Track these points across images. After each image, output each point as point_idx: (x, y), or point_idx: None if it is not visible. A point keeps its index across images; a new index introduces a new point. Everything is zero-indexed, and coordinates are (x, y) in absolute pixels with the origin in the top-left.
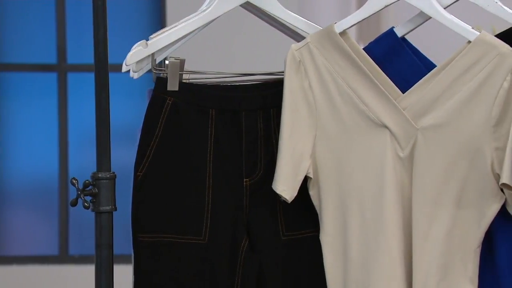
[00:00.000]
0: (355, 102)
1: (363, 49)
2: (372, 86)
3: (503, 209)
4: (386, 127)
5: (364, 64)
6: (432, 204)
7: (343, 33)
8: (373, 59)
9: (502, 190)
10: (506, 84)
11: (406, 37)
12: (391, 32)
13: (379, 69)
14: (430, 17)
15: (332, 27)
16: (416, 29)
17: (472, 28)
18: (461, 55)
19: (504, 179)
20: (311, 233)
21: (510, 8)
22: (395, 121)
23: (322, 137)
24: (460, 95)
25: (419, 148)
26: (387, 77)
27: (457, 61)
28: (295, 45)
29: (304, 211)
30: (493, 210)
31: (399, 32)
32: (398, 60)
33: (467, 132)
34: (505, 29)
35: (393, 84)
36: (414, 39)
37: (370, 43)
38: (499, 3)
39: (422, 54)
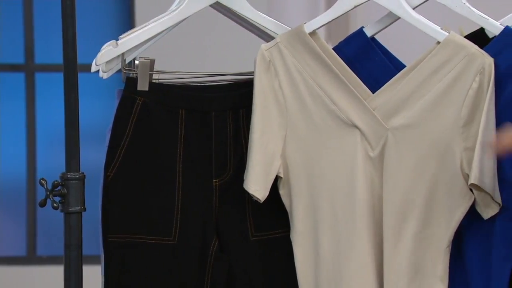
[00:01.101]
0: (325, 102)
1: (333, 49)
2: (342, 86)
3: (473, 209)
4: (356, 127)
5: (334, 64)
6: (403, 203)
7: (312, 33)
8: (343, 59)
9: (471, 190)
10: (475, 85)
11: (375, 37)
12: (360, 32)
13: (349, 69)
14: (399, 17)
15: (301, 27)
16: (386, 29)
17: (441, 29)
18: (430, 56)
19: (473, 179)
20: (280, 234)
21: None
22: (365, 121)
23: (293, 137)
24: (430, 95)
25: (389, 148)
26: (357, 77)
27: (426, 62)
28: (265, 45)
29: (273, 211)
30: (462, 209)
31: (368, 32)
32: (368, 60)
33: (436, 132)
34: (472, 30)
35: (363, 84)
36: (383, 39)
37: (339, 43)
38: (467, 4)
39: (392, 54)
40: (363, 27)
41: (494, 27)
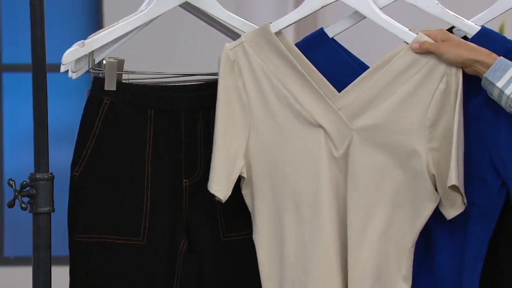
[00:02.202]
0: (290, 102)
1: None
2: (307, 86)
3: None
4: (321, 127)
5: (299, 64)
6: (367, 203)
7: (278, 33)
8: None
9: (436, 190)
10: (442, 86)
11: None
12: (321, 32)
13: (314, 68)
14: (364, 17)
15: (267, 26)
16: (352, 29)
17: (409, 30)
18: (398, 57)
19: (454, 181)
20: (251, 235)
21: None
22: (330, 121)
23: (256, 137)
24: (396, 96)
25: (354, 148)
26: (323, 77)
27: (394, 63)
28: (229, 44)
29: (245, 212)
30: (428, 210)
31: (331, 32)
32: (329, 60)
33: (402, 133)
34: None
35: (329, 84)
36: (346, 39)
37: (297, 43)
38: (440, 4)
39: (352, 54)
40: (323, 27)
41: (469, 27)
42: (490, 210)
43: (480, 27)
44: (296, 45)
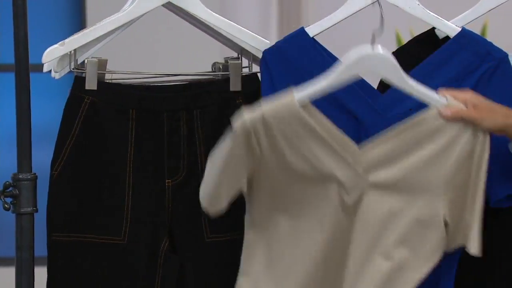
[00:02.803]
0: (306, 156)
1: (271, 48)
2: (328, 148)
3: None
4: (335, 176)
5: (323, 129)
6: (373, 243)
7: (304, 106)
8: (283, 59)
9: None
10: (468, 147)
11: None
12: (301, 31)
13: (336, 130)
14: (342, 19)
15: (293, 100)
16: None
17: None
18: (427, 121)
19: (474, 250)
20: (236, 236)
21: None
22: (345, 174)
23: (263, 172)
24: (423, 153)
25: (367, 196)
26: (344, 136)
27: (422, 125)
28: (247, 116)
29: (229, 213)
30: (437, 256)
31: (311, 32)
32: (308, 59)
33: (421, 187)
34: (423, 30)
35: (350, 142)
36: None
37: (278, 42)
38: (421, 5)
39: (332, 54)
40: (304, 27)
41: (449, 29)
42: None
43: (460, 29)
44: (277, 44)
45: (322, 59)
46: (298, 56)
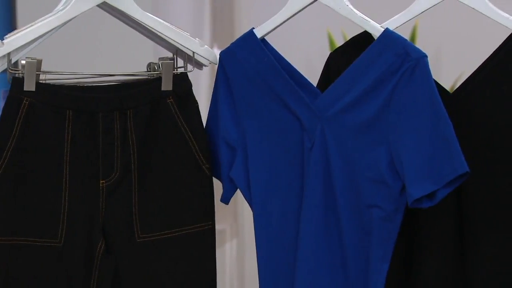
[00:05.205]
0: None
1: (224, 51)
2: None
3: (356, 211)
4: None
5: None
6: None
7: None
8: (235, 60)
9: None
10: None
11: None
12: (251, 33)
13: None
14: (288, 19)
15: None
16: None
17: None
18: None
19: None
20: (167, 235)
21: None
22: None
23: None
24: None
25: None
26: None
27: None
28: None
29: (161, 212)
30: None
31: (259, 33)
32: (256, 60)
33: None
34: (357, 32)
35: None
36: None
37: (231, 45)
38: (350, 6)
39: (280, 55)
40: (253, 28)
41: (375, 30)
42: (392, 212)
43: (384, 29)
44: (231, 46)
45: (268, 60)
46: (248, 57)
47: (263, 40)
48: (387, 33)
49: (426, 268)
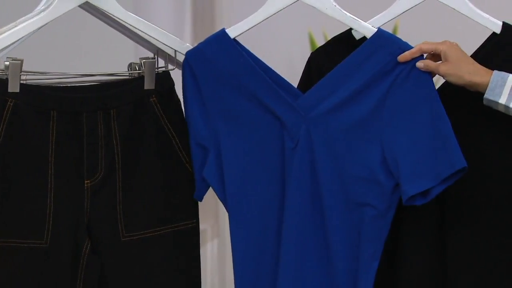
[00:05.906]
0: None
1: (192, 50)
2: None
3: (344, 207)
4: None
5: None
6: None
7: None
8: (205, 60)
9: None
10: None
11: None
12: (223, 33)
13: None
14: (263, 19)
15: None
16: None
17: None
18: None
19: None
20: (152, 234)
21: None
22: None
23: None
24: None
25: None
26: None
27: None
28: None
29: (144, 212)
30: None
31: (233, 33)
32: (230, 61)
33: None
34: (338, 32)
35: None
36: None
37: (199, 44)
38: (338, 6)
39: (254, 55)
40: (225, 28)
41: (366, 29)
42: (384, 211)
43: (376, 29)
44: (199, 46)
45: (243, 60)
46: (220, 57)
47: (235, 40)
48: (380, 32)
49: (409, 263)
